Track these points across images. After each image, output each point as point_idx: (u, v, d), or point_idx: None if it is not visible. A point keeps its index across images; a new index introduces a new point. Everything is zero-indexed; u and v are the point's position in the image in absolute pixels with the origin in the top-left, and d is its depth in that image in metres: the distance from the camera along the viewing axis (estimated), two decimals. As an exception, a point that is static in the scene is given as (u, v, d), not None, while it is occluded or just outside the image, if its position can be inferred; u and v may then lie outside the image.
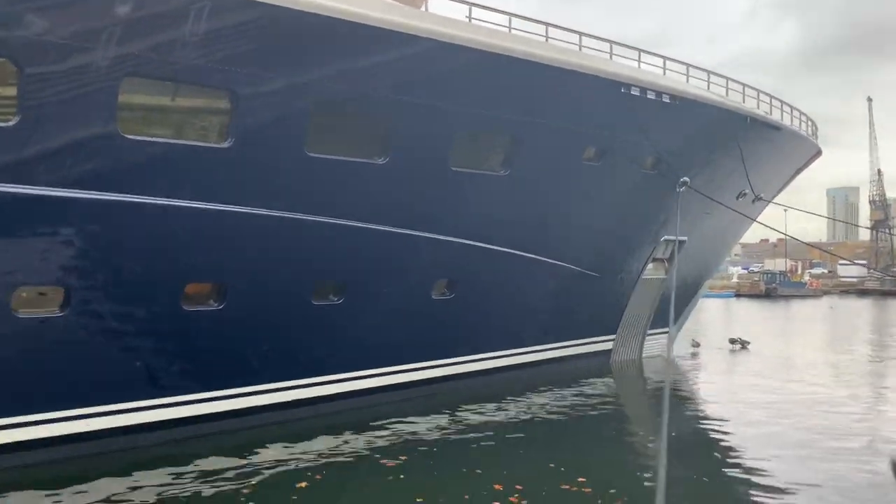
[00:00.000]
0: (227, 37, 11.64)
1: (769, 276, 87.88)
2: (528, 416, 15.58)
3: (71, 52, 10.28)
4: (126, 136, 11.06)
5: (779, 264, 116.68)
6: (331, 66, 12.72)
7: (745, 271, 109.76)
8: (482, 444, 13.31)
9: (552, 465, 11.59)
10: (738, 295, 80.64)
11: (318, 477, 11.15)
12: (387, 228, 14.38)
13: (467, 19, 15.16)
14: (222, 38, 11.59)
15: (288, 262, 13.34)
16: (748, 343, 28.46)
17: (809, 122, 27.54)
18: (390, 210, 14.33)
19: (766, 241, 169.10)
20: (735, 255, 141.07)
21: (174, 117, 11.99)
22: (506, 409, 16.04)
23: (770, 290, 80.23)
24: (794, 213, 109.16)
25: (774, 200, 27.38)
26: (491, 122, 15.24)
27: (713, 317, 49.96)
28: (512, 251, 16.99)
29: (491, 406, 16.10)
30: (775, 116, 23.95)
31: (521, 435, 14.00)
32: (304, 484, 10.73)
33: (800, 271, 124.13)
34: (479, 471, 11.35)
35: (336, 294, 14.45)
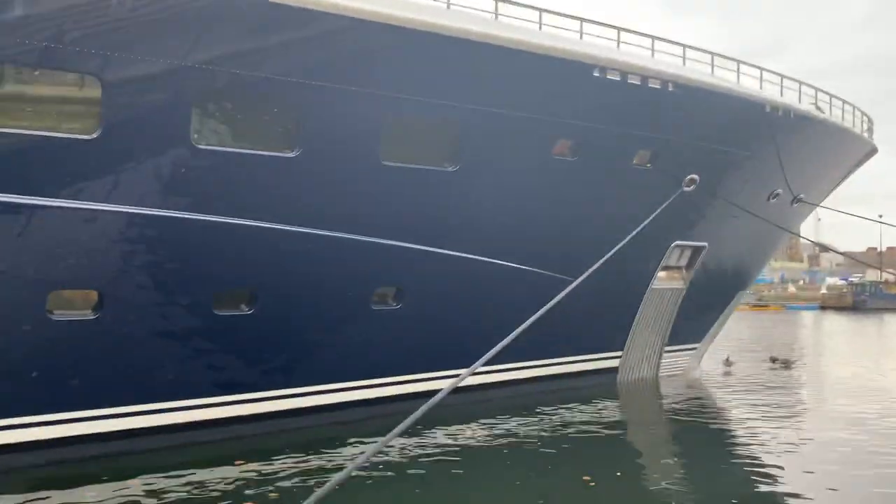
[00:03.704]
0: (92, 13, 10.40)
1: (858, 286, 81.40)
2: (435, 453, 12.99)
3: None
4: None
5: (885, 275, 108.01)
6: (218, 46, 11.33)
7: (844, 282, 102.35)
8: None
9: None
10: (822, 307, 75.27)
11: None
12: (302, 230, 12.85)
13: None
14: (87, 15, 10.36)
15: (175, 266, 11.96)
16: (792, 362, 25.51)
17: (864, 118, 24.51)
18: (303, 209, 12.78)
19: (874, 249, 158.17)
20: (837, 264, 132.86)
21: (32, 105, 10.76)
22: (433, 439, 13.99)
23: (858, 302, 74.55)
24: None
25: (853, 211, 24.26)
26: (429, 110, 13.48)
27: (787, 331, 46.16)
28: (468, 256, 15.13)
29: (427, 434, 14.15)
30: (830, 113, 21.31)
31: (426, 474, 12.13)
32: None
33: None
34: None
35: (246, 304, 13.00)
